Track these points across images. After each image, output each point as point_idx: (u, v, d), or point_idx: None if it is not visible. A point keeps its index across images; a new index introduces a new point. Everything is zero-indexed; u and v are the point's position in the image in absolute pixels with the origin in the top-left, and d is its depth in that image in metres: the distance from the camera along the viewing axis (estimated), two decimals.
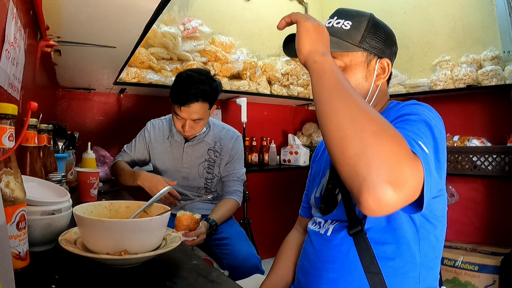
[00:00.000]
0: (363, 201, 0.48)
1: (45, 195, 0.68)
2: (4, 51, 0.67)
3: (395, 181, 0.47)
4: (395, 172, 0.47)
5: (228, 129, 1.66)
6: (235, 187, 1.60)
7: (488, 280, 1.83)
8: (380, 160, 0.48)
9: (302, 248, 0.88)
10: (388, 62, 0.79)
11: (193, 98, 1.41)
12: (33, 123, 0.86)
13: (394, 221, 0.70)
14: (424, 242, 0.71)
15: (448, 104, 2.28)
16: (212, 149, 1.60)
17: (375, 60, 0.78)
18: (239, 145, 1.63)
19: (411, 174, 0.49)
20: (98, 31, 1.02)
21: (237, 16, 2.75)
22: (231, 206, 1.54)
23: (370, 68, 0.78)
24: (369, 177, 0.47)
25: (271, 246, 2.54)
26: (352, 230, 0.73)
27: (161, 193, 0.79)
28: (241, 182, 1.63)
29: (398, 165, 0.48)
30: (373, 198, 0.47)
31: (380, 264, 0.70)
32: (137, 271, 0.59)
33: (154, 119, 1.70)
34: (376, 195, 0.47)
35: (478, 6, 2.18)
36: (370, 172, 0.47)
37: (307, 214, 0.99)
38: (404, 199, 0.49)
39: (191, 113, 1.44)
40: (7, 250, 0.41)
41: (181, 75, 1.49)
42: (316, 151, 1.01)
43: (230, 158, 1.61)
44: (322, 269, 0.76)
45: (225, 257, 1.37)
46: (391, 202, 0.47)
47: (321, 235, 0.79)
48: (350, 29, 0.77)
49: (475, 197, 2.15)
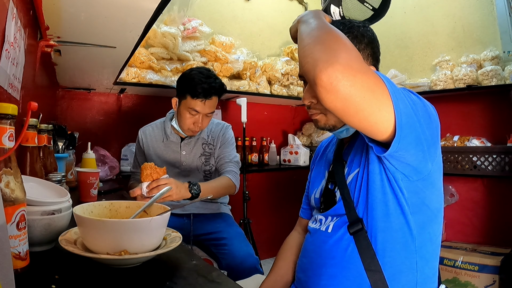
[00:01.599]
0: (317, 81, 0.55)
1: (45, 195, 0.68)
2: (4, 51, 0.67)
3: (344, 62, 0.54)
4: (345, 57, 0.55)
5: (218, 122, 1.71)
6: (229, 168, 1.57)
7: (488, 280, 1.83)
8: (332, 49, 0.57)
9: (302, 247, 0.88)
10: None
11: (213, 91, 1.47)
12: (33, 123, 0.86)
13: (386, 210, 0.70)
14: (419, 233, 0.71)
15: (448, 104, 2.28)
16: (206, 143, 1.65)
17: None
18: (229, 132, 1.68)
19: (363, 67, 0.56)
20: (98, 31, 1.02)
21: (237, 16, 2.75)
22: (223, 181, 1.48)
23: None
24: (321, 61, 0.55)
25: (271, 246, 2.54)
26: (352, 228, 0.73)
27: (161, 193, 0.79)
28: (234, 164, 1.60)
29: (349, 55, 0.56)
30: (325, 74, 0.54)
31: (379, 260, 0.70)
32: (137, 271, 0.59)
33: (143, 127, 1.69)
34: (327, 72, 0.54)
35: (478, 6, 2.18)
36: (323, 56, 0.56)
37: (307, 215, 1.00)
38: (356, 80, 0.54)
39: (210, 107, 1.50)
40: (7, 250, 0.41)
41: (193, 72, 1.50)
42: (316, 153, 1.01)
43: (221, 144, 1.64)
44: (322, 265, 0.76)
45: (224, 257, 1.37)
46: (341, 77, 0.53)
47: (322, 232, 0.80)
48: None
49: (475, 197, 2.15)
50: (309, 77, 0.58)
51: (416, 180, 0.68)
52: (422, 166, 0.66)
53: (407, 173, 0.67)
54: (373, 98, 0.55)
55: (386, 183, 0.70)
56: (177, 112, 1.55)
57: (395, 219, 0.70)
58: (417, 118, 0.61)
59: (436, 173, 0.71)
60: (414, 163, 0.65)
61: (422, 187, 0.70)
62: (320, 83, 0.54)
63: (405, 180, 0.68)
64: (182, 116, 1.51)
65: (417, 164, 0.65)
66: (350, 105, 0.55)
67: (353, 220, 0.74)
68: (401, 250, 0.71)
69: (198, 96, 1.45)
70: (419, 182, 0.69)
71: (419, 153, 0.63)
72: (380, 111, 0.56)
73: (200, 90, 1.44)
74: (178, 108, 1.54)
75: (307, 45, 0.62)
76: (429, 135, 0.64)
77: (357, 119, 0.57)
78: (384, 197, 0.70)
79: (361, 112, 0.56)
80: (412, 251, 0.71)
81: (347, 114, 0.57)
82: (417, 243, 0.71)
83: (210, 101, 1.48)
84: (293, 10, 3.04)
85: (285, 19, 2.94)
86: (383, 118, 0.57)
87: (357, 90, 0.54)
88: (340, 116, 0.58)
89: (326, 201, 0.84)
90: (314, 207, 0.91)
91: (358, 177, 0.75)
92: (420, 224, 0.71)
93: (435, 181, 0.71)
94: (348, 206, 0.75)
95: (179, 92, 1.52)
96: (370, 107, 0.56)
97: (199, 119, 1.50)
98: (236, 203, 2.08)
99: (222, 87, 1.52)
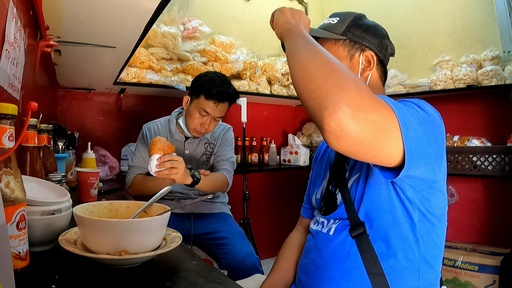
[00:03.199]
0: (326, 127, 0.50)
1: (45, 195, 0.68)
2: (4, 51, 0.67)
3: (354, 104, 0.50)
4: (354, 96, 0.50)
5: (221, 123, 1.74)
6: (224, 165, 1.60)
7: (488, 280, 1.83)
8: (339, 88, 0.51)
9: (303, 248, 0.88)
10: (372, 54, 0.80)
11: (227, 96, 1.50)
12: (33, 123, 0.86)
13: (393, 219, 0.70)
14: (424, 239, 0.71)
15: (448, 104, 2.28)
16: (207, 142, 1.67)
17: (359, 54, 0.80)
18: (229, 133, 1.71)
19: (373, 103, 0.52)
20: (98, 31, 1.02)
21: (237, 16, 2.75)
22: (219, 177, 1.52)
23: (354, 61, 0.80)
24: (329, 103, 0.50)
25: (271, 246, 2.54)
26: (354, 232, 0.73)
27: (161, 193, 0.79)
28: (230, 163, 1.63)
29: (359, 93, 0.51)
30: (334, 120, 0.49)
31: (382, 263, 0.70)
32: (137, 271, 0.59)
33: (147, 123, 1.71)
34: (336, 117, 0.49)
35: (478, 6, 2.18)
36: (329, 98, 0.51)
37: (308, 215, 0.99)
38: (367, 123, 0.50)
39: (221, 111, 1.53)
40: (7, 250, 0.41)
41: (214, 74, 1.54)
42: (317, 152, 1.01)
43: (221, 143, 1.67)
44: (324, 267, 0.76)
45: (224, 257, 1.38)
46: (352, 123, 0.49)
47: (324, 234, 0.79)
48: (336, 23, 0.83)
49: (475, 197, 2.15)
50: (314, 119, 0.53)
51: (423, 188, 0.68)
52: (431, 176, 0.66)
53: (415, 184, 0.67)
54: (384, 135, 0.53)
55: (393, 193, 0.69)
56: (187, 110, 1.56)
57: (402, 227, 0.70)
58: (426, 136, 0.59)
59: (442, 179, 0.71)
60: (423, 176, 0.64)
61: (429, 194, 0.69)
62: (328, 130, 0.50)
63: (412, 190, 0.68)
64: (192, 115, 1.53)
65: (426, 176, 0.65)
66: (360, 147, 0.52)
67: (354, 223, 0.73)
68: (405, 255, 0.70)
69: (212, 97, 1.48)
70: (426, 190, 0.69)
71: (429, 167, 0.62)
72: (390, 146, 0.54)
73: (215, 92, 1.48)
74: (189, 107, 1.55)
75: (305, 77, 0.56)
76: (436, 148, 0.63)
77: (366, 157, 0.56)
78: (391, 207, 0.70)
79: (372, 151, 0.54)
80: (416, 257, 0.71)
81: (357, 155, 0.55)
82: (421, 249, 0.71)
83: (221, 105, 1.51)
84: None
85: None
86: (393, 152, 0.55)
87: (368, 132, 0.51)
88: (349, 156, 0.56)
89: (327, 204, 0.84)
90: (315, 207, 0.91)
91: (359, 181, 0.74)
92: (425, 230, 0.71)
93: (441, 186, 0.71)
94: (349, 210, 0.75)
95: (194, 91, 1.54)
96: (381, 145, 0.53)
97: (207, 121, 1.52)
98: (236, 203, 2.08)
99: (235, 94, 1.57)
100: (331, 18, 0.85)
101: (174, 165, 1.18)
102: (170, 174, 1.18)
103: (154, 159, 1.13)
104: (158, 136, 1.19)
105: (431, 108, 0.67)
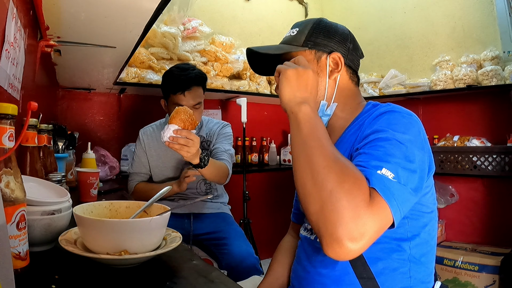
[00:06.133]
0: (327, 252, 0.54)
1: (45, 195, 0.68)
2: (4, 51, 0.67)
3: (352, 236, 0.52)
4: (351, 228, 0.52)
5: (218, 121, 1.73)
6: (223, 156, 1.57)
7: (488, 280, 1.83)
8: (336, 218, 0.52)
9: (295, 252, 0.88)
10: (339, 56, 0.80)
11: (192, 81, 1.48)
12: (33, 123, 0.86)
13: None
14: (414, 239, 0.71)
15: (448, 104, 2.28)
16: (205, 140, 1.66)
17: (325, 56, 0.80)
18: (226, 129, 1.69)
19: (371, 223, 0.53)
20: (98, 31, 1.02)
21: (237, 16, 2.75)
22: (222, 165, 1.49)
23: (321, 64, 0.80)
24: (326, 235, 0.53)
25: (271, 246, 2.53)
26: None
27: (161, 193, 0.79)
28: (229, 155, 1.59)
29: (354, 220, 0.52)
30: (334, 252, 0.53)
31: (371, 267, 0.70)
32: (137, 271, 0.59)
33: (143, 128, 1.70)
34: (335, 250, 0.53)
35: (478, 6, 2.18)
36: (327, 231, 0.53)
37: (298, 219, 0.99)
38: (366, 244, 0.53)
39: (194, 97, 1.50)
40: (7, 250, 0.41)
41: (171, 69, 1.55)
42: None
43: (218, 137, 1.66)
44: (315, 273, 0.76)
45: (224, 257, 1.38)
46: (352, 251, 0.52)
47: (312, 241, 0.80)
48: (296, 34, 0.83)
49: (475, 197, 2.15)
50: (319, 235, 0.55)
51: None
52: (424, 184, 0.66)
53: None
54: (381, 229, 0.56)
55: None
56: (168, 112, 1.57)
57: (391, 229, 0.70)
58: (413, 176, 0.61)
59: (430, 178, 0.72)
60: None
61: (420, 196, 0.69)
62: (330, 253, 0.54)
63: None
64: None
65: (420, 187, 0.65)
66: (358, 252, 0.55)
67: None
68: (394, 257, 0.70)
69: (177, 90, 1.47)
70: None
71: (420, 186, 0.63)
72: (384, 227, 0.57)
73: (176, 83, 1.47)
74: (168, 109, 1.56)
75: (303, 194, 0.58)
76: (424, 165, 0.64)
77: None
78: None
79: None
80: (406, 257, 0.70)
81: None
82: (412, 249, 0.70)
83: (190, 92, 1.48)
84: (293, 10, 3.05)
85: (285, 19, 2.94)
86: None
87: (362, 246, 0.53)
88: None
89: None
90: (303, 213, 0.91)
91: None
92: (415, 230, 0.71)
93: (430, 184, 0.72)
94: None
95: (163, 93, 1.55)
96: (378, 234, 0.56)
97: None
98: (236, 203, 2.08)
99: (200, 76, 1.52)
100: (292, 29, 0.85)
101: (188, 143, 1.12)
102: (180, 150, 1.13)
103: (170, 129, 1.07)
104: (185, 107, 1.13)
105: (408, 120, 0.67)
